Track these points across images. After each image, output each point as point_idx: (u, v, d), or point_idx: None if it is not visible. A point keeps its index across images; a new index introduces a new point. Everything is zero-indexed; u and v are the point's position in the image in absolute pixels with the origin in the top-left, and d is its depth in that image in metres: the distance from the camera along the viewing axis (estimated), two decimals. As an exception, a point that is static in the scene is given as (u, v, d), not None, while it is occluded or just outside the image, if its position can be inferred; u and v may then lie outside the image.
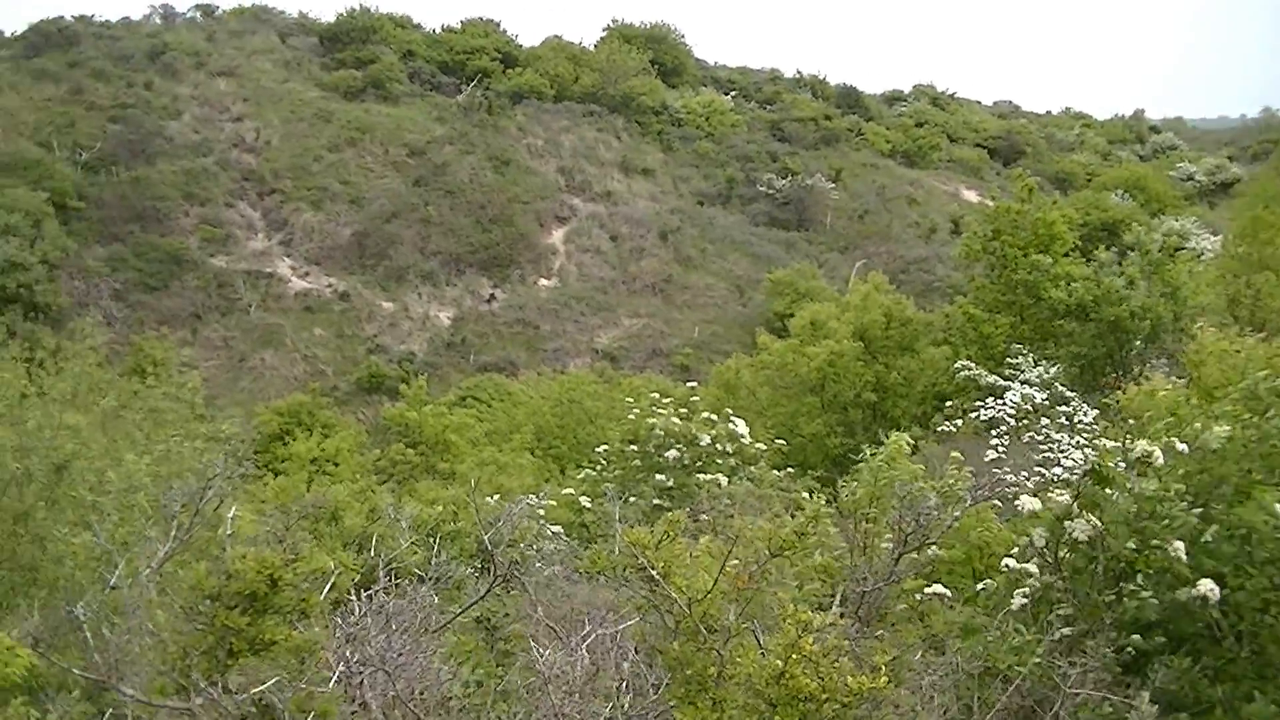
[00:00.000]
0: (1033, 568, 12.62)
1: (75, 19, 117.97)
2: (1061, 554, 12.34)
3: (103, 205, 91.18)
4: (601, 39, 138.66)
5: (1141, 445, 12.31)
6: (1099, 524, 11.95)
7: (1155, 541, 11.67)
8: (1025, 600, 12.48)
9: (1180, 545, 11.54)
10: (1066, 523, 12.17)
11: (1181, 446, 12.47)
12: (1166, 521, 11.71)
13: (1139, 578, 11.85)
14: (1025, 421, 29.50)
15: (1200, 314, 38.79)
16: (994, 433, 28.63)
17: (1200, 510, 11.93)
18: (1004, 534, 14.68)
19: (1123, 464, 12.38)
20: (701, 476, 24.32)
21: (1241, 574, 11.56)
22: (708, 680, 9.11)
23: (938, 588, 12.73)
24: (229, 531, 11.84)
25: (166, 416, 26.28)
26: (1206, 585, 11.32)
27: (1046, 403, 31.41)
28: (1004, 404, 31.44)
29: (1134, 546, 11.71)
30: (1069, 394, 34.23)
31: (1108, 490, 12.16)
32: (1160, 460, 12.20)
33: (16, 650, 7.35)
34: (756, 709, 8.62)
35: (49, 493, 15.42)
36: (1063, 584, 12.33)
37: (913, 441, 20.80)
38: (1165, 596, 11.62)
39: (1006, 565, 12.87)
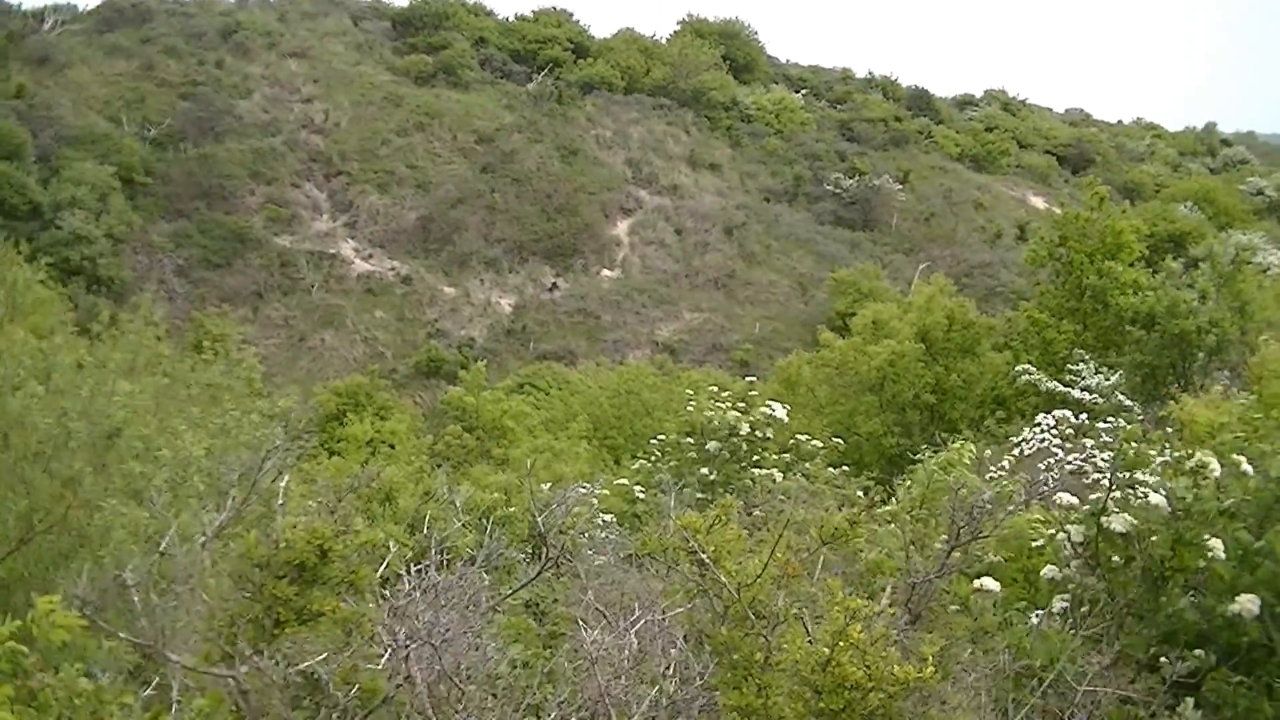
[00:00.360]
0: (1071, 571, 12.56)
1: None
2: (1100, 549, 12.26)
3: (169, 181, 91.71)
4: (674, 33, 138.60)
5: (1199, 456, 12.22)
6: (1133, 520, 11.91)
7: (1189, 537, 11.57)
8: (1065, 604, 12.42)
9: (1219, 544, 11.44)
10: (1103, 518, 12.11)
11: (1247, 468, 12.36)
12: (1200, 516, 11.63)
13: (1177, 580, 11.76)
14: (1069, 445, 29.14)
15: (1266, 328, 38.49)
16: (1041, 465, 28.26)
17: (1244, 526, 11.83)
18: (1048, 536, 14.57)
19: (1171, 472, 12.33)
20: (756, 471, 24.24)
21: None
22: (754, 666, 9.06)
23: (986, 581, 12.66)
24: (281, 502, 11.86)
25: (223, 394, 26.34)
26: (1246, 600, 11.17)
27: (1088, 421, 30.94)
28: (1045, 435, 30.97)
29: (1168, 544, 11.63)
30: (1128, 403, 33.97)
31: (1138, 475, 12.12)
32: (1217, 470, 12.11)
33: (56, 617, 7.32)
34: (802, 696, 8.58)
35: (99, 458, 15.45)
36: (1100, 584, 12.25)
37: (975, 452, 20.76)
38: (1209, 604, 11.51)
39: (1047, 574, 12.79)
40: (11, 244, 43.47)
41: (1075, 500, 12.77)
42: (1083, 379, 36.31)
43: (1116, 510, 12.11)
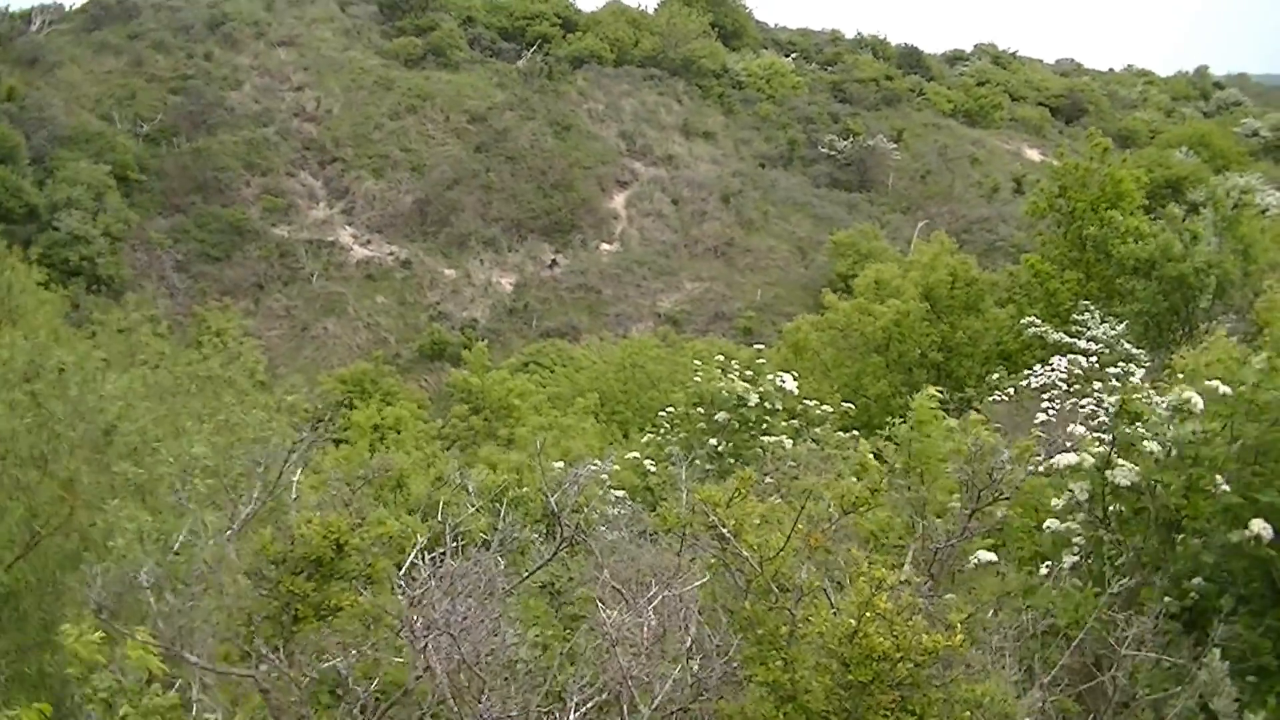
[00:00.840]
0: (1076, 525, 12.50)
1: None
2: (1108, 505, 12.21)
3: (164, 177, 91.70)
4: (661, 3, 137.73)
5: (1178, 391, 12.22)
6: (1138, 468, 11.87)
7: (1202, 481, 11.54)
8: (1076, 558, 12.37)
9: (1220, 480, 11.44)
10: (1108, 472, 12.05)
11: (1224, 389, 12.33)
12: (1209, 461, 11.59)
13: (1189, 525, 11.74)
14: (1076, 387, 29.00)
15: (1270, 271, 38.34)
16: (1045, 397, 28.13)
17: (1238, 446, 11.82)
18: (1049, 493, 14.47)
19: (1162, 410, 12.29)
20: (766, 439, 24.11)
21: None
22: (779, 640, 8.98)
23: (981, 553, 12.60)
24: (295, 496, 11.79)
25: (224, 388, 26.17)
26: (1259, 525, 11.15)
27: (1097, 366, 30.82)
28: (1053, 370, 30.88)
29: (1181, 490, 11.59)
30: (1135, 351, 33.86)
31: (1139, 428, 12.06)
32: (1199, 405, 12.08)
33: (78, 644, 7.26)
34: (829, 669, 8.50)
35: (99, 456, 15.34)
36: (1111, 536, 12.20)
37: (940, 394, 20.64)
38: (1219, 537, 11.47)
39: (1049, 527, 12.73)
40: (5, 247, 43.44)
41: (1075, 459, 12.69)
42: (1088, 329, 36.16)
43: (1120, 463, 12.07)
